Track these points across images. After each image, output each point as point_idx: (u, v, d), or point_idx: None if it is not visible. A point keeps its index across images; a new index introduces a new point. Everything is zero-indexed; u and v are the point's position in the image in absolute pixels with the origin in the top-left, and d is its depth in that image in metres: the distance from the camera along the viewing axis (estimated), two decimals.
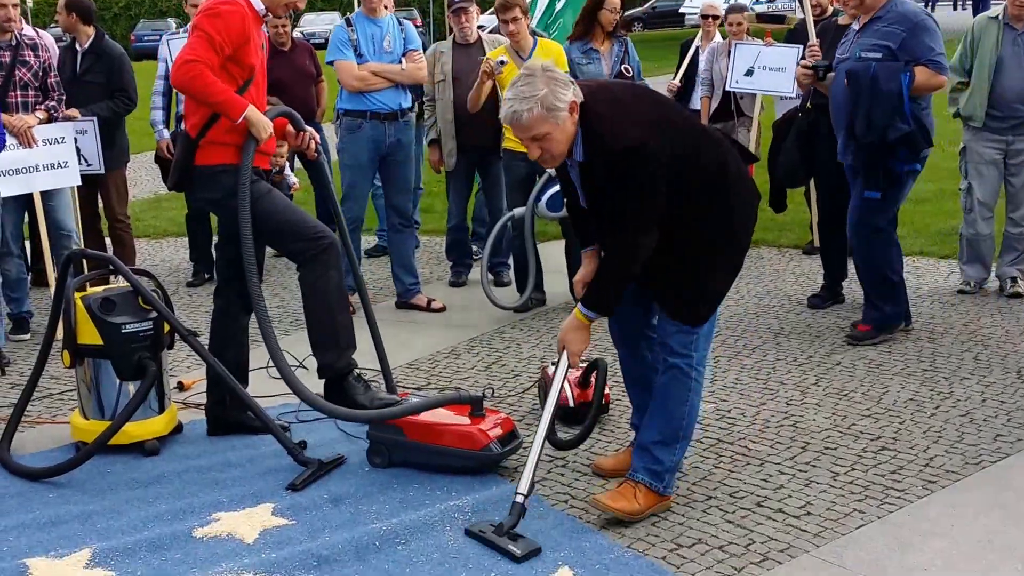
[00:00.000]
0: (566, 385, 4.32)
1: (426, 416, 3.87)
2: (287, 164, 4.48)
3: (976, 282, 6.22)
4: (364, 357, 4.26)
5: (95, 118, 6.06)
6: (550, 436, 3.94)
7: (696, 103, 7.52)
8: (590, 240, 3.64)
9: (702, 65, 7.48)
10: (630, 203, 3.26)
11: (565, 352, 3.47)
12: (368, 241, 7.42)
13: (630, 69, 6.69)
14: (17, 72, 5.70)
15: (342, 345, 4.01)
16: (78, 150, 5.92)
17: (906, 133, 4.97)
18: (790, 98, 6.90)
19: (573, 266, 6.02)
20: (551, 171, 4.73)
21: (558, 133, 3.23)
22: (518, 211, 5.85)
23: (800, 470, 3.90)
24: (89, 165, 6.08)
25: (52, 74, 5.87)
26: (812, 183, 6.75)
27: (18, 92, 5.72)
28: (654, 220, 3.29)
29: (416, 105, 6.41)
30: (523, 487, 3.32)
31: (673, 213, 3.31)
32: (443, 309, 6.16)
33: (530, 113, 3.19)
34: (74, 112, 6.01)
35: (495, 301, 5.92)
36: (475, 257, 6.97)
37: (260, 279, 4.00)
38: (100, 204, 6.64)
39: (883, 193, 5.14)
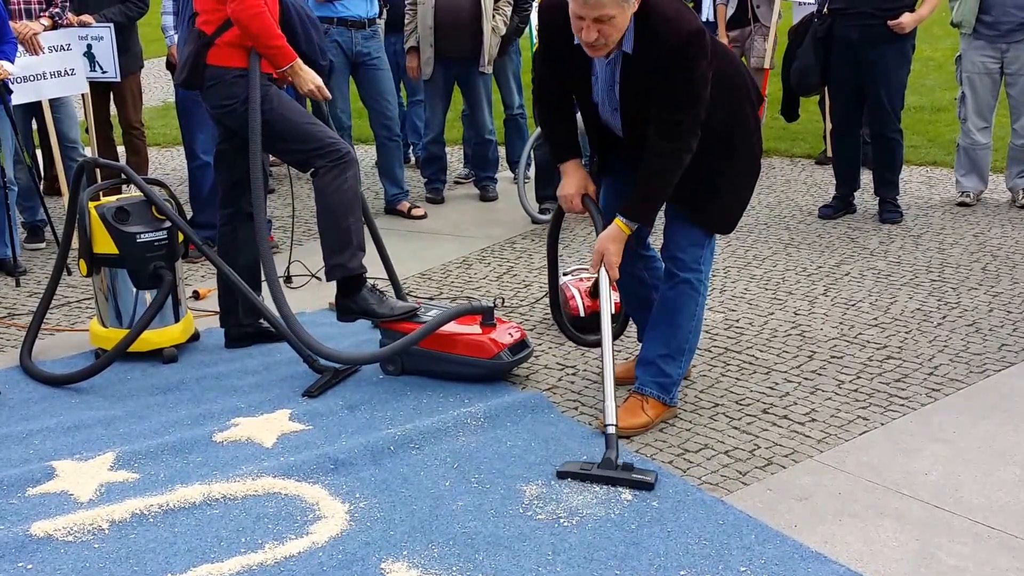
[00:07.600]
0: (577, 296, 4.37)
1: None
2: None
3: (974, 193, 6.20)
4: (374, 267, 4.29)
5: (111, 24, 5.96)
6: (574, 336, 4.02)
7: (707, 13, 7.31)
8: (567, 153, 3.59)
9: None
10: (684, 98, 3.19)
11: (604, 262, 3.42)
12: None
13: None
14: None
15: (354, 245, 3.99)
16: (92, 57, 5.86)
17: None
18: (807, 3, 6.77)
19: None
20: None
21: (621, 19, 3.13)
22: None
23: (806, 378, 3.96)
24: (105, 72, 6.00)
25: None
26: (827, 92, 6.67)
27: None
28: (701, 119, 3.25)
29: (384, 12, 6.34)
30: (611, 418, 3.27)
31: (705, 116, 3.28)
32: (423, 216, 6.32)
33: None
34: (87, 18, 5.90)
35: (531, 213, 6.06)
36: (464, 178, 7.13)
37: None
38: (112, 112, 6.61)
39: None
